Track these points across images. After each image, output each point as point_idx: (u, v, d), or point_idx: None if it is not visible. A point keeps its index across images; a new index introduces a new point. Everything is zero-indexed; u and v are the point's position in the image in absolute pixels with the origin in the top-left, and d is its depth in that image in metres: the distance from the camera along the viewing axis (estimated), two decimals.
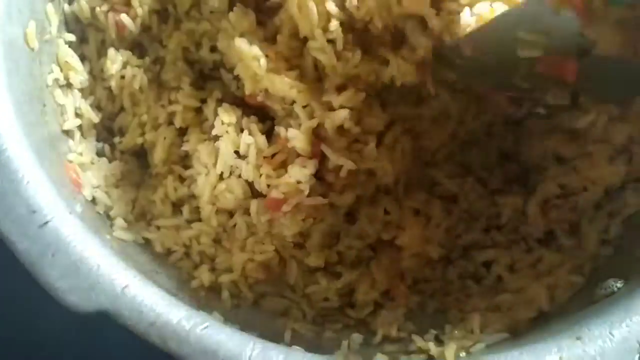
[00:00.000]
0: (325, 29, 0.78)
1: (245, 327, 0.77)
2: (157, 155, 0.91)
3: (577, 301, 0.79)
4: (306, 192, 0.79)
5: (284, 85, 0.80)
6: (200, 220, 0.88)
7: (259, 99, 0.84)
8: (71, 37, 0.92)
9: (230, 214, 0.87)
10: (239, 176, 0.84)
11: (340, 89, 0.80)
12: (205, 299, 0.83)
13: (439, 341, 0.81)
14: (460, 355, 0.74)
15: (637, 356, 0.57)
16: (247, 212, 0.85)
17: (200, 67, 0.95)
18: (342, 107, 0.78)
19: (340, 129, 0.80)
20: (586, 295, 0.77)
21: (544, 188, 0.88)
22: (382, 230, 0.85)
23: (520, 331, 0.79)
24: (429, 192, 0.88)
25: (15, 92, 0.69)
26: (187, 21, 0.93)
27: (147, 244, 0.86)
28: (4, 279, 0.80)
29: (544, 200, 0.88)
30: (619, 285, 0.70)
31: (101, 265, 0.58)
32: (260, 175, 0.82)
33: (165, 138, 0.91)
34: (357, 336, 0.83)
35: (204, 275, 0.85)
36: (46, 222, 0.58)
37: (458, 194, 0.89)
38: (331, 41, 0.79)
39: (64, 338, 0.82)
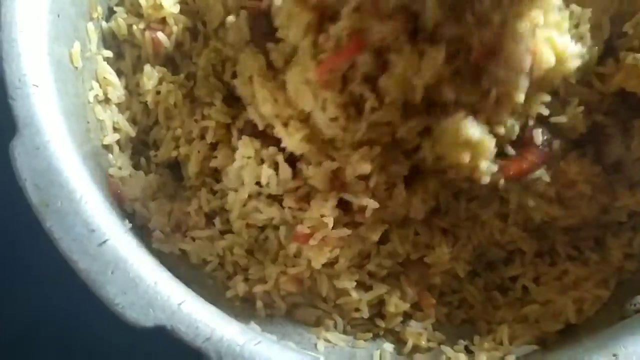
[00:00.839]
0: (324, 109, 0.78)
1: (281, 336, 0.80)
2: (191, 169, 0.93)
3: (605, 315, 0.82)
4: (330, 225, 0.81)
5: (294, 141, 0.80)
6: (232, 232, 0.90)
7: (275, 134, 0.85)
8: (108, 54, 0.95)
9: (262, 228, 0.90)
10: (268, 196, 0.86)
11: (355, 146, 0.80)
12: (240, 308, 0.86)
13: (469, 352, 0.84)
14: None
15: None
16: (277, 228, 0.87)
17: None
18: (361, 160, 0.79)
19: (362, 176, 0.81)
20: (615, 310, 0.79)
21: None
22: (411, 250, 0.87)
23: (549, 343, 0.82)
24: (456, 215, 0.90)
25: (65, 112, 0.71)
26: (215, 40, 0.95)
27: (183, 255, 0.89)
28: None
29: None
30: None
31: (158, 282, 0.60)
32: (284, 208, 0.84)
33: (198, 152, 0.93)
34: (388, 345, 0.85)
35: (239, 286, 0.87)
36: (105, 241, 0.61)
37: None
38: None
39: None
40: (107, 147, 0.90)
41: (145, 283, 0.60)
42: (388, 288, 0.88)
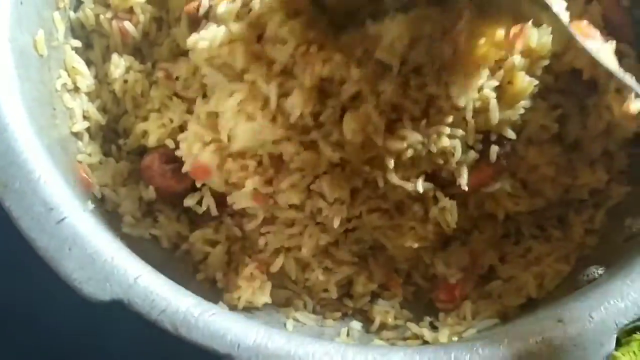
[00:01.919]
0: None
1: (250, 316, 0.82)
2: None
3: (562, 288, 0.84)
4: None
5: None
6: None
7: None
8: (77, 43, 0.96)
9: None
10: None
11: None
12: (209, 291, 0.87)
13: (433, 327, 0.86)
14: (453, 339, 0.78)
15: (613, 336, 0.61)
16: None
17: None
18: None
19: None
20: (571, 281, 0.81)
21: None
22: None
23: (510, 317, 0.84)
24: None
25: (27, 97, 0.73)
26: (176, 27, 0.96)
27: (154, 239, 0.90)
28: None
29: None
30: (600, 271, 0.75)
31: (115, 258, 0.62)
32: None
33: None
34: (356, 323, 0.87)
35: (208, 269, 0.89)
36: (63, 219, 0.63)
37: None
38: None
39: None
40: (77, 135, 0.91)
41: (102, 258, 0.61)
42: (356, 269, 0.90)
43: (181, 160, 0.87)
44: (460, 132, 0.84)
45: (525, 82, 0.86)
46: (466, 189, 0.85)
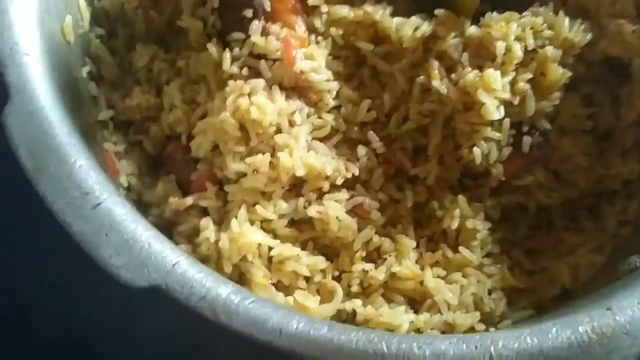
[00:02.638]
0: None
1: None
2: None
3: (599, 279, 0.82)
4: None
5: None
6: None
7: None
8: (101, 31, 0.95)
9: None
10: None
11: None
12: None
13: None
14: (490, 330, 0.77)
15: None
16: None
17: None
18: None
19: None
20: (609, 272, 0.80)
21: None
22: None
23: (545, 308, 0.82)
24: None
25: (58, 83, 0.71)
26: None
27: None
28: None
29: None
30: None
31: (152, 244, 0.61)
32: None
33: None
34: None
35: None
36: (99, 204, 0.61)
37: None
38: None
39: None
40: (102, 123, 0.90)
41: (139, 244, 0.60)
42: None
43: None
44: (497, 135, 0.83)
45: (559, 73, 0.85)
46: (503, 179, 0.84)
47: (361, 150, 0.85)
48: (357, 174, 0.84)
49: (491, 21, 0.84)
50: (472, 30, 0.84)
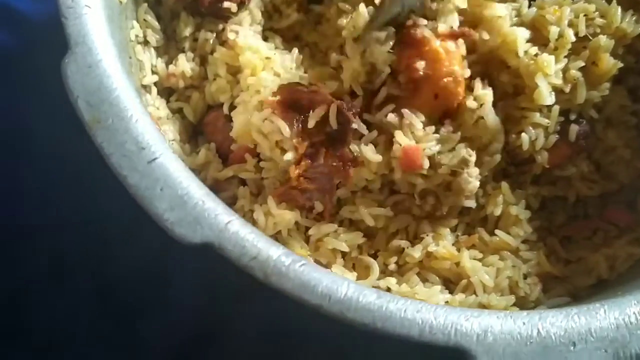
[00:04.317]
0: None
1: None
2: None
3: (635, 270, 0.82)
4: None
5: None
6: None
7: None
8: None
9: None
10: None
11: None
12: None
13: None
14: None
15: None
16: None
17: None
18: None
19: None
20: None
21: None
22: None
23: (581, 297, 0.82)
24: None
25: (114, 40, 0.72)
26: None
27: None
28: None
29: None
30: None
31: (205, 201, 0.61)
32: None
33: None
34: None
35: None
36: (154, 159, 0.61)
37: None
38: None
39: None
40: (146, 88, 0.91)
41: (193, 201, 0.60)
42: None
43: None
44: (546, 121, 0.83)
45: (611, 63, 0.84)
46: (547, 166, 0.84)
47: None
48: None
49: (544, 3, 0.83)
50: (526, 9, 0.83)
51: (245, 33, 0.92)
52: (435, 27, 0.79)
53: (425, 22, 0.79)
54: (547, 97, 0.80)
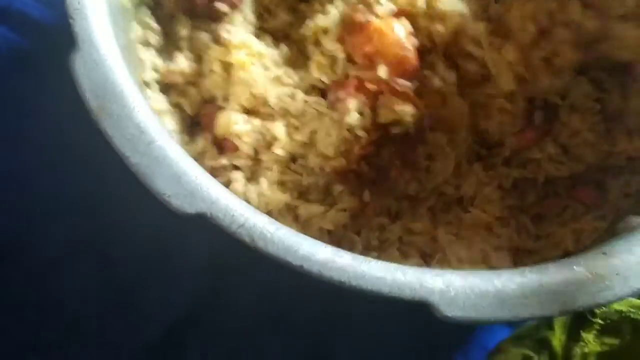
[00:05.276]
0: None
1: None
2: None
3: (599, 242, 0.88)
4: None
5: None
6: None
7: None
8: (148, 0, 1.03)
9: None
10: None
11: None
12: None
13: None
14: None
15: None
16: None
17: None
18: None
19: None
20: (607, 235, 0.86)
21: None
22: None
23: None
24: None
25: (117, 40, 0.80)
26: None
27: None
28: None
29: None
30: (639, 220, 0.80)
31: (199, 177, 0.68)
32: None
33: None
34: None
35: None
36: (154, 141, 0.69)
37: None
38: None
39: None
40: (147, 84, 0.99)
41: (188, 177, 0.68)
42: None
43: None
44: (510, 107, 0.91)
45: (572, 55, 0.92)
46: (515, 149, 0.92)
47: None
48: None
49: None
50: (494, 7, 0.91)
51: (238, 32, 1.01)
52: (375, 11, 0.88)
53: (364, 7, 0.88)
54: (510, 84, 0.88)
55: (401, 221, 0.91)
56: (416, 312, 0.64)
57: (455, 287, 0.64)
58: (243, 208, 0.68)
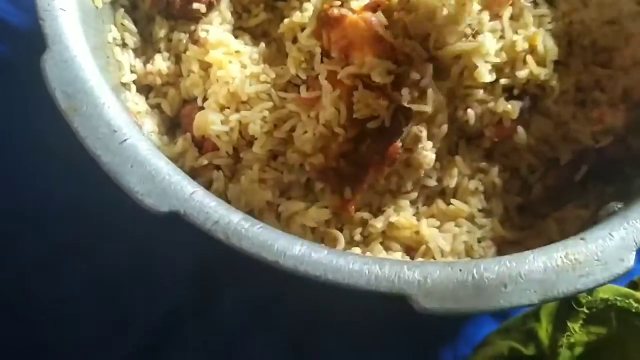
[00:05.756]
0: None
1: None
2: None
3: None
4: None
5: None
6: None
7: None
8: (125, 2, 1.03)
9: None
10: None
11: None
12: None
13: None
14: None
15: (633, 252, 0.66)
16: None
17: None
18: None
19: None
20: (590, 224, 0.85)
21: None
22: None
23: None
24: None
25: (88, 40, 0.79)
26: None
27: None
28: None
29: None
30: (619, 206, 0.79)
31: (172, 175, 0.68)
32: None
33: None
34: None
35: None
36: (125, 140, 0.69)
37: None
38: None
39: None
40: (125, 85, 0.98)
41: (161, 175, 0.67)
42: None
43: None
44: (489, 97, 0.90)
45: (551, 46, 0.92)
46: (495, 140, 0.91)
47: None
48: None
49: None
50: None
51: (216, 31, 1.00)
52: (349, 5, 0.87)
53: (338, 3, 0.87)
54: (486, 75, 0.87)
55: (384, 216, 0.90)
56: (400, 306, 0.63)
57: (433, 279, 0.64)
58: (217, 205, 0.67)
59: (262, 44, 1.01)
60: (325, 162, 0.88)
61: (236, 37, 1.04)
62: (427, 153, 0.89)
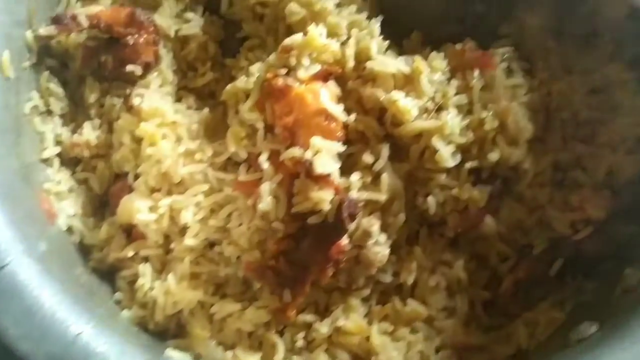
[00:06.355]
0: None
1: None
2: None
3: (554, 339, 0.77)
4: None
5: None
6: None
7: None
8: (53, 63, 0.92)
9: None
10: None
11: None
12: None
13: None
14: None
15: None
16: None
17: None
18: None
19: None
20: (563, 334, 0.75)
21: None
22: None
23: None
24: None
25: None
26: None
27: None
28: None
29: None
30: (593, 329, 0.68)
31: (56, 312, 0.57)
32: None
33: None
34: None
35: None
36: (4, 266, 0.58)
37: None
38: None
39: None
40: (46, 161, 0.88)
41: (41, 312, 0.57)
42: None
43: None
44: (454, 182, 0.80)
45: (524, 123, 0.81)
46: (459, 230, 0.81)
47: None
48: None
49: None
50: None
51: (152, 96, 0.89)
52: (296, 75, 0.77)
53: (284, 71, 0.76)
54: (448, 160, 0.76)
55: (331, 318, 0.79)
56: None
57: None
58: (108, 348, 0.57)
59: (206, 110, 0.90)
60: (262, 260, 0.77)
61: (180, 98, 0.93)
62: (380, 249, 0.78)
